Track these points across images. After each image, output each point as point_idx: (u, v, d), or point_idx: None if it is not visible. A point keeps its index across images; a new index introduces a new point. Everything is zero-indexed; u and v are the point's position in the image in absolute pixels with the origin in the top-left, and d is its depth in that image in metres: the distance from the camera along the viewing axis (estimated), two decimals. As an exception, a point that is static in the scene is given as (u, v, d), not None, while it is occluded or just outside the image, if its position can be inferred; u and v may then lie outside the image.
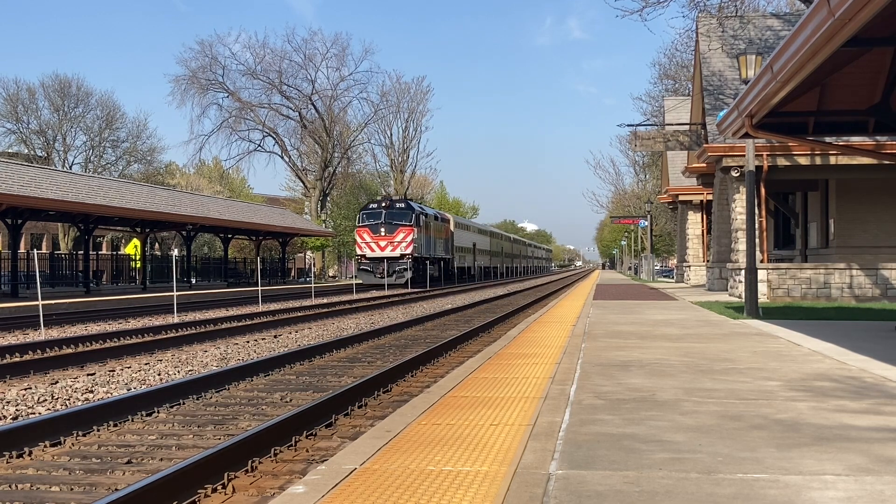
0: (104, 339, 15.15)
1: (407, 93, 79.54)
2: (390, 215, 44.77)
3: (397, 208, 45.50)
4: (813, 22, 8.27)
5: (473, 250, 68.69)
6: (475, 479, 3.73)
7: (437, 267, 51.52)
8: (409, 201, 48.23)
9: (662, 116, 42.45)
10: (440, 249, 52.79)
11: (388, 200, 47.05)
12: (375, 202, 47.54)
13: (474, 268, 68.47)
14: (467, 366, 7.97)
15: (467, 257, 65.80)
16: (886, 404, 5.59)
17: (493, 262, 79.71)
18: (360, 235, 45.07)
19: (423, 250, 46.95)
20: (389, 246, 43.90)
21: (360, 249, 44.85)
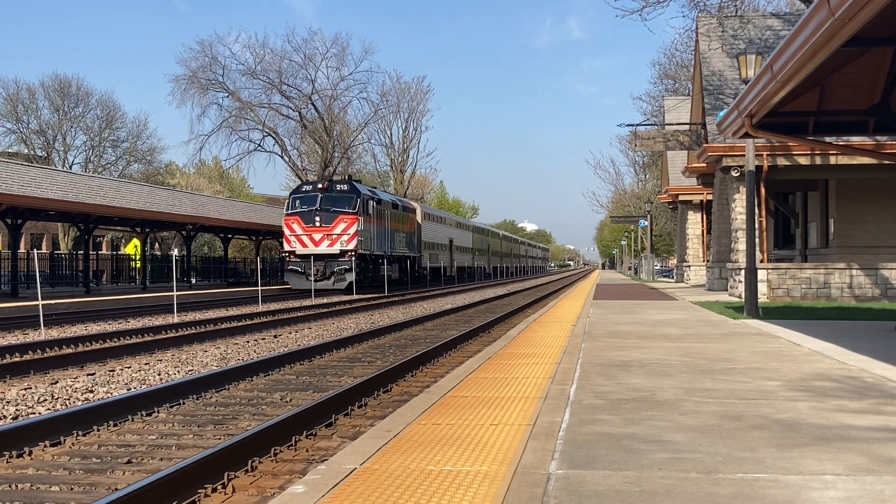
0: (104, 339, 15.15)
1: (407, 93, 79.49)
2: (328, 200, 35.67)
3: (337, 191, 36.38)
4: (813, 22, 8.27)
5: (450, 248, 60.95)
6: (475, 479, 3.73)
7: (397, 267, 43.25)
8: (354, 182, 38.11)
9: (662, 116, 42.44)
10: (401, 245, 44.58)
11: (325, 181, 37.87)
12: (310, 183, 38.10)
13: (451, 268, 60.57)
14: (467, 366, 7.97)
15: (442, 255, 57.55)
16: (886, 404, 5.59)
17: (477, 261, 72.48)
18: (288, 226, 35.85)
19: (376, 245, 38.46)
20: (326, 240, 34.95)
21: (289, 244, 35.71)
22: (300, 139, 72.22)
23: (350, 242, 35.08)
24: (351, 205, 35.79)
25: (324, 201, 35.66)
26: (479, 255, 74.25)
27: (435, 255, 54.87)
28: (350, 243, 35.06)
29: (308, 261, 34.77)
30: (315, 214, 35.35)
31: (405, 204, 48.12)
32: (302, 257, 35.13)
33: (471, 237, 70.51)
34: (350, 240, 35.12)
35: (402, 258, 45.05)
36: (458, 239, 64.70)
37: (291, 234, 35.63)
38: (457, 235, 64.35)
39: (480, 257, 74.57)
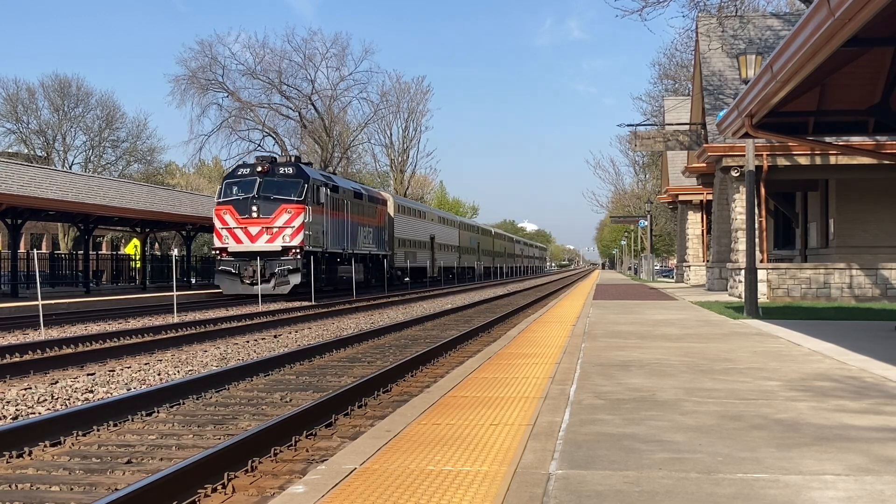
0: (104, 339, 15.15)
1: (407, 93, 79.46)
2: (269, 186, 29.60)
3: (281, 175, 29.99)
4: (813, 22, 8.27)
5: (431, 246, 54.69)
6: (475, 479, 3.73)
7: (361, 267, 37.32)
8: (303, 165, 31.69)
9: (662, 116, 42.45)
10: (368, 242, 38.43)
11: (266, 163, 30.46)
12: (247, 166, 31.12)
13: (433, 268, 54.53)
14: (467, 366, 7.97)
15: (420, 254, 51.19)
16: (886, 404, 5.59)
17: (464, 261, 66.81)
18: (219, 217, 29.43)
19: (330, 241, 32.33)
20: (265, 234, 28.90)
21: (219, 240, 29.40)
22: (300, 139, 72.22)
23: (295, 237, 28.87)
24: (297, 191, 29.51)
25: (263, 187, 29.43)
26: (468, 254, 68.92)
27: (412, 254, 48.57)
28: (295, 238, 28.85)
29: (243, 260, 28.64)
30: (252, 203, 28.99)
31: (372, 194, 41.30)
32: (236, 255, 28.94)
33: (457, 234, 64.86)
34: (295, 234, 28.90)
35: (368, 257, 38.79)
36: (441, 236, 58.70)
37: (223, 228, 29.29)
38: (440, 232, 58.13)
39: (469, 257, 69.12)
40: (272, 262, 28.65)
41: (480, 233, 77.16)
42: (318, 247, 30.71)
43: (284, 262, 28.77)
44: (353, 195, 36.26)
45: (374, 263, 40.05)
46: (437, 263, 56.00)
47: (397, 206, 46.29)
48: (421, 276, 51.77)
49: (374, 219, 39.87)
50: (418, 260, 50.39)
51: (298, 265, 28.77)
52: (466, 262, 67.94)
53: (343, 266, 34.19)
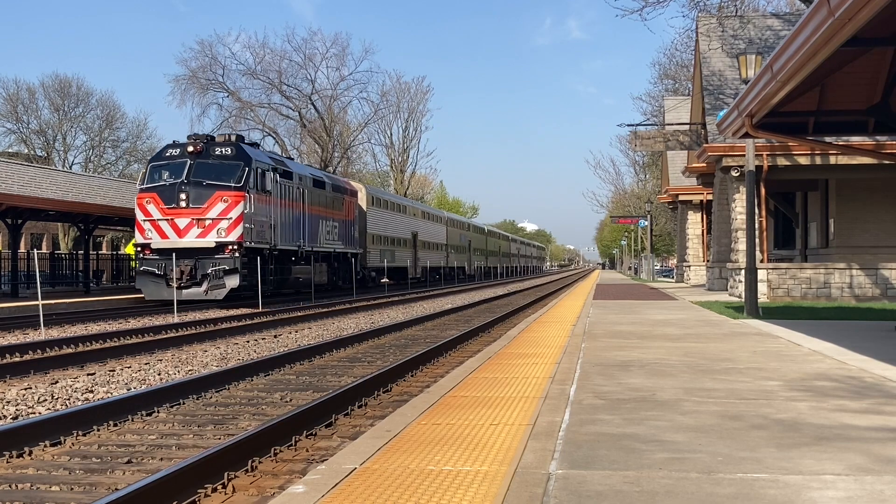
0: (104, 339, 15.15)
1: (407, 93, 79.49)
2: (202, 170, 24.81)
3: (216, 156, 25.15)
4: (813, 22, 8.28)
5: (413, 244, 50.29)
6: (475, 479, 3.73)
7: (325, 267, 32.89)
8: (244, 145, 26.72)
9: (662, 116, 42.46)
10: (333, 238, 33.88)
11: (200, 142, 25.50)
12: (177, 145, 25.89)
13: (415, 268, 50.11)
14: (467, 365, 7.97)
15: (400, 253, 46.89)
16: (886, 404, 5.59)
17: (453, 260, 62.15)
18: (141, 207, 24.73)
19: (281, 236, 27.96)
20: (195, 227, 24.17)
21: (141, 234, 24.71)
22: (300, 139, 72.22)
23: (232, 231, 24.19)
24: (236, 176, 24.82)
25: (195, 171, 24.69)
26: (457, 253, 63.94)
27: (389, 253, 43.76)
28: (232, 232, 24.18)
29: (169, 259, 23.56)
30: (180, 190, 24.19)
31: (338, 183, 36.31)
32: (161, 253, 24.07)
33: (444, 231, 60.05)
34: (232, 227, 24.19)
35: (333, 256, 34.27)
36: (425, 233, 53.88)
37: (145, 220, 24.45)
38: (424, 228, 53.34)
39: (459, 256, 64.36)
40: (205, 262, 24.01)
41: (472, 230, 72.15)
42: (262, 242, 26.23)
43: (219, 262, 24.01)
44: (312, 183, 31.75)
45: (342, 263, 35.63)
46: (420, 263, 51.40)
47: (371, 198, 41.74)
48: (401, 277, 47.60)
49: (341, 212, 35.15)
50: (397, 259, 45.87)
51: (237, 265, 24.11)
52: (456, 261, 63.10)
53: (299, 266, 29.97)
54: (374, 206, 42.09)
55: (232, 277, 24.12)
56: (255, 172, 25.71)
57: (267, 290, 26.39)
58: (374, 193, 44.10)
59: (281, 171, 28.39)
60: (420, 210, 55.26)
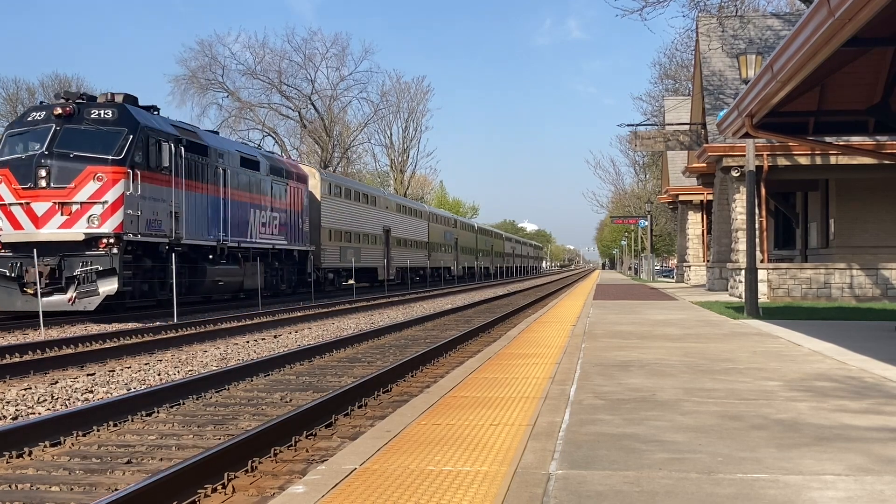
0: (104, 339, 15.14)
1: (407, 93, 79.49)
2: (70, 138, 19.15)
3: (91, 120, 19.44)
4: (813, 22, 8.28)
5: (386, 240, 44.10)
6: (475, 479, 3.73)
7: (262, 267, 26.21)
8: (129, 106, 20.39)
9: (662, 116, 42.46)
10: (272, 231, 28.01)
11: (70, 103, 19.58)
12: (42, 108, 20.30)
13: (387, 269, 43.67)
14: (467, 366, 7.97)
15: (368, 251, 40.71)
16: (886, 404, 5.59)
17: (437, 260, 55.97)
18: None
19: (188, 227, 22.11)
20: (58, 213, 18.69)
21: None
22: (300, 139, 72.26)
23: (108, 219, 18.71)
24: (117, 147, 19.17)
25: (62, 139, 18.98)
26: (441, 252, 57.78)
27: (354, 251, 37.82)
28: (108, 221, 18.69)
29: (25, 256, 18.27)
30: (39, 165, 18.54)
31: (279, 164, 29.53)
32: (14, 248, 18.83)
33: (425, 227, 53.44)
34: (108, 213, 18.72)
35: (272, 254, 28.19)
36: (401, 228, 47.32)
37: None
38: (399, 224, 46.72)
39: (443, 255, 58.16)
40: (72, 260, 18.46)
41: (459, 227, 66.05)
42: (157, 235, 20.39)
43: (91, 260, 18.48)
44: (239, 162, 25.27)
45: (287, 262, 30.01)
46: (394, 263, 44.92)
47: (327, 185, 35.40)
48: (371, 278, 42.29)
49: (283, 200, 29.04)
50: (365, 258, 39.90)
51: (115, 264, 18.53)
52: (440, 261, 56.76)
53: (220, 266, 23.88)
54: (331, 196, 35.55)
55: (108, 281, 18.34)
56: (144, 142, 19.69)
57: (163, 296, 21.07)
58: (331, 180, 37.15)
59: (188, 142, 22.00)
60: (394, 202, 47.54)
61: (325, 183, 35.41)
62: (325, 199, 34.92)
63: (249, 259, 26.19)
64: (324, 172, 38.65)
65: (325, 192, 35.10)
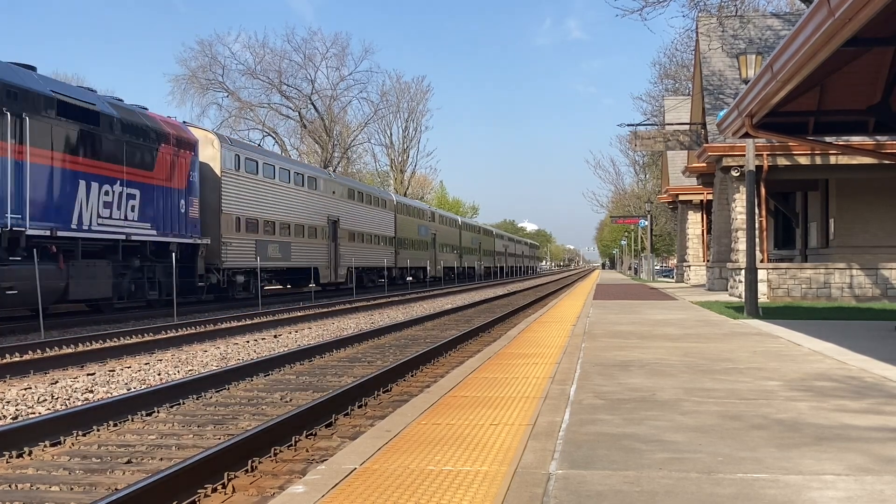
0: (104, 339, 15.14)
1: (407, 92, 79.50)
2: None
3: None
4: (813, 22, 8.27)
5: (332, 234, 35.45)
6: (475, 479, 3.73)
7: (107, 268, 19.80)
8: None
9: (662, 116, 42.46)
10: (129, 215, 20.67)
11: None
12: None
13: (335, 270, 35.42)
14: (467, 366, 7.97)
15: (302, 247, 32.04)
16: (886, 404, 5.58)
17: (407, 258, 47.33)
18: None
19: None
20: None
21: None
22: (300, 139, 72.26)
23: None
24: None
25: None
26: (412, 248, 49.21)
27: (279, 247, 29.75)
28: None
29: None
30: None
31: (138, 120, 21.27)
32: None
33: (391, 220, 44.93)
34: None
35: (130, 248, 20.92)
36: (354, 219, 38.24)
37: None
38: (351, 213, 37.77)
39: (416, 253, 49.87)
40: None
41: (438, 221, 57.58)
42: None
43: None
44: (55, 108, 17.73)
45: (160, 260, 22.17)
46: (343, 262, 36.15)
47: (234, 156, 26.91)
48: (309, 280, 32.60)
49: (151, 172, 21.54)
50: (297, 256, 31.61)
51: None
52: (412, 259, 47.89)
53: (16, 266, 16.21)
54: (238, 171, 27.06)
55: None
56: None
57: None
58: (240, 151, 27.82)
59: None
60: (344, 186, 37.68)
61: (229, 152, 26.49)
62: (228, 174, 26.32)
63: (87, 255, 19.13)
64: (227, 139, 27.92)
65: (230, 166, 26.48)
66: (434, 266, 54.84)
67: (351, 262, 37.67)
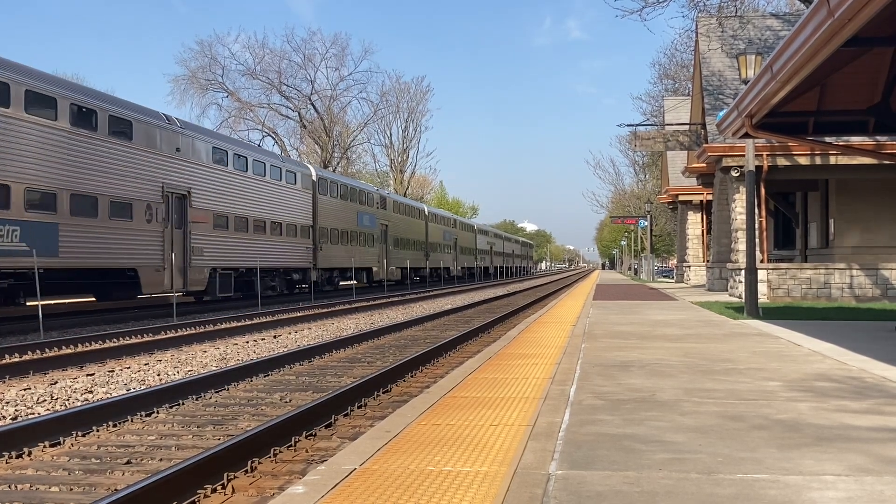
0: (103, 339, 15.14)
1: (407, 93, 79.48)
2: None
3: None
4: (812, 22, 8.27)
5: (177, 214, 23.16)
6: (475, 480, 3.72)
7: None
8: None
9: (662, 116, 42.46)
10: None
11: None
12: None
13: (169, 269, 22.10)
14: (467, 366, 7.96)
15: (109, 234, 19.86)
16: (887, 404, 5.58)
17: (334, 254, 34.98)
18: None
19: None
20: None
21: None
22: (300, 139, 72.25)
23: None
24: None
25: None
26: (347, 243, 36.98)
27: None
28: None
29: None
30: None
31: None
32: None
33: (306, 202, 32.28)
34: None
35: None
36: (218, 195, 25.47)
37: None
38: (215, 186, 25.23)
39: (346, 249, 36.90)
40: None
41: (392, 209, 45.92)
42: None
43: None
44: None
45: None
46: (203, 260, 24.45)
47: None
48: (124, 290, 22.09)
49: None
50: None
51: None
52: (341, 257, 36.12)
53: None
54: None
55: None
56: None
57: None
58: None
59: None
60: (201, 144, 24.93)
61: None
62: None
63: None
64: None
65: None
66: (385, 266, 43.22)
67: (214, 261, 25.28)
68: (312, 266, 33.29)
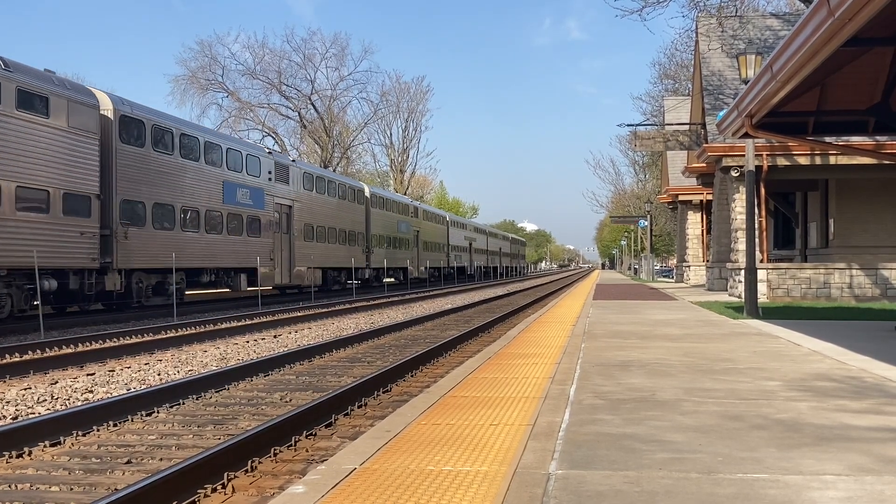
0: (104, 339, 15.14)
1: (407, 93, 79.48)
2: None
3: None
4: (812, 22, 8.27)
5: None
6: (475, 479, 3.73)
7: None
8: None
9: (662, 116, 42.46)
10: None
11: None
12: None
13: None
14: (467, 366, 7.96)
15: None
16: (887, 404, 5.58)
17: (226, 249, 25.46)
18: None
19: None
20: None
21: None
22: (300, 139, 72.25)
23: None
24: None
25: None
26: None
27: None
28: None
29: None
30: None
31: None
32: None
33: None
34: None
35: None
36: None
37: None
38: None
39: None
40: None
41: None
42: None
43: None
44: None
45: None
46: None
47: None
48: None
49: None
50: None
51: None
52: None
53: None
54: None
55: None
56: None
57: None
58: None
59: None
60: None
61: None
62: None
63: None
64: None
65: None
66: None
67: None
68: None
